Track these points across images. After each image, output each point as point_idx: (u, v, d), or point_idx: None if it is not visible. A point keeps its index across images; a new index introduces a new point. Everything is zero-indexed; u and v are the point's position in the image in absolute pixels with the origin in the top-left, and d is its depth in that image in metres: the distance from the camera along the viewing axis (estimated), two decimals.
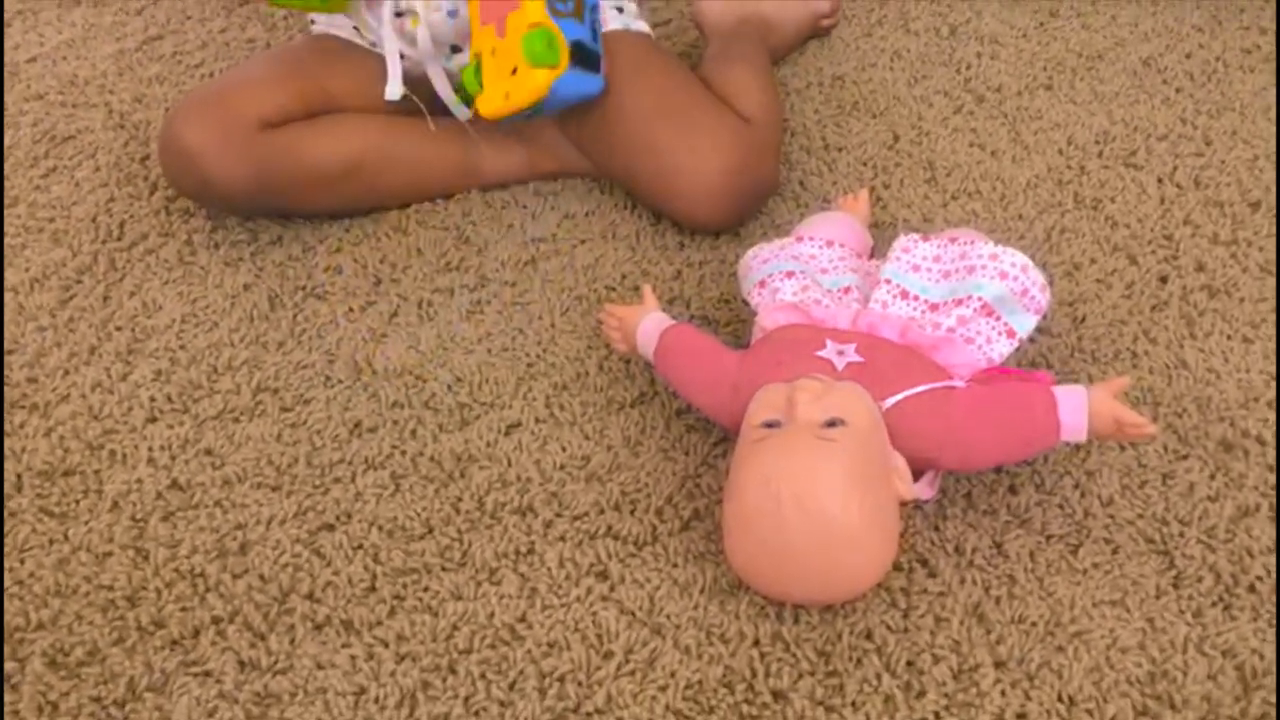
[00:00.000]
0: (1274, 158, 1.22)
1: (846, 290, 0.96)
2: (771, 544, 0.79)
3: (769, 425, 0.82)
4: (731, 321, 1.07)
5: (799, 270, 0.97)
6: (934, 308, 0.92)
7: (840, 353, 0.88)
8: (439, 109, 1.17)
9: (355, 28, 1.18)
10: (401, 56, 1.13)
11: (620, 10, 1.20)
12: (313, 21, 1.23)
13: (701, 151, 1.08)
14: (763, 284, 0.97)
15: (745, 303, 1.00)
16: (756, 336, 0.95)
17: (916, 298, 0.93)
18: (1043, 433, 0.83)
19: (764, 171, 1.12)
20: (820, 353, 0.88)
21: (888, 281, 0.94)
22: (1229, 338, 1.04)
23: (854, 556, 0.80)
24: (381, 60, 1.15)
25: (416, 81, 1.16)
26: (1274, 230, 1.13)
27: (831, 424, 0.80)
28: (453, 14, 1.12)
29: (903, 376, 0.86)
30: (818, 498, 0.78)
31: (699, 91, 1.14)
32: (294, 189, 1.12)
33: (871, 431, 0.82)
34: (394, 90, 1.11)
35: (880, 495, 0.81)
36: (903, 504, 0.85)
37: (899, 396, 0.84)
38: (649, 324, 0.96)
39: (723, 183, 1.08)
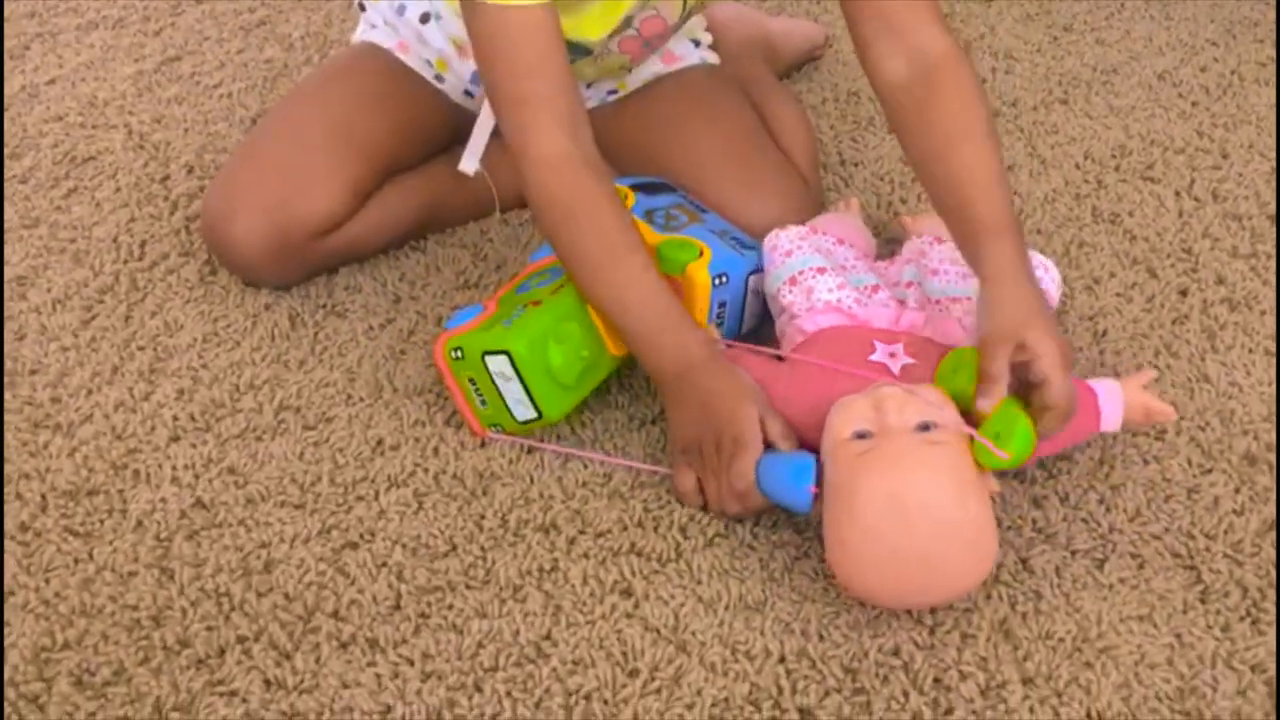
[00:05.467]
0: None
1: (875, 289, 0.97)
2: (902, 553, 0.80)
3: (860, 436, 0.82)
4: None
5: (829, 266, 0.97)
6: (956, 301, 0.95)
7: (892, 355, 0.89)
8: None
9: (428, 61, 1.15)
10: (469, 94, 1.15)
11: (696, 44, 1.20)
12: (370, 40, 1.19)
13: (766, 212, 1.09)
14: (793, 280, 0.97)
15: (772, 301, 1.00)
16: (795, 340, 0.94)
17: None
18: (1083, 423, 0.86)
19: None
20: (872, 357, 0.89)
21: (914, 285, 0.96)
22: (1250, 351, 1.04)
23: (975, 553, 0.82)
24: (436, 96, 1.15)
25: (455, 109, 1.17)
26: None
27: (925, 427, 0.81)
28: None
29: None
30: (941, 503, 0.79)
31: (764, 141, 1.16)
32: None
33: (962, 431, 0.82)
34: (470, 165, 1.12)
35: (982, 491, 0.82)
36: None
37: None
38: None
39: None
